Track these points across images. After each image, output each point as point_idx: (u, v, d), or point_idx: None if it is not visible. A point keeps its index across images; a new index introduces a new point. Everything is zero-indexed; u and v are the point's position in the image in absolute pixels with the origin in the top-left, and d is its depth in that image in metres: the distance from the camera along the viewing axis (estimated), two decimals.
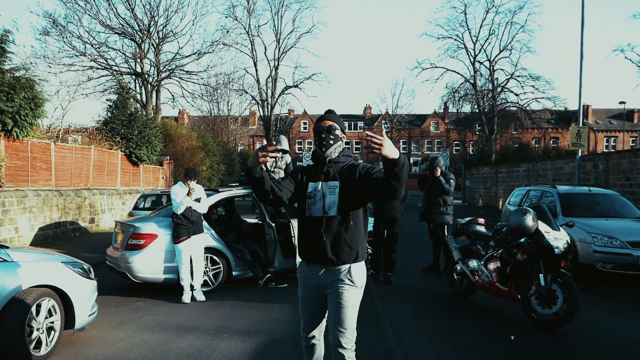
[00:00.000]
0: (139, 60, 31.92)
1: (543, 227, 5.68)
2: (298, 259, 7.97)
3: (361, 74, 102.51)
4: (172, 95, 36.41)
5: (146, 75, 32.34)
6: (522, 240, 5.86)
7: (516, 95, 39.66)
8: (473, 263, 6.59)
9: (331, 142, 3.11)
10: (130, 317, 6.23)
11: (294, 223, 7.80)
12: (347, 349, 3.03)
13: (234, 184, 8.56)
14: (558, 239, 5.63)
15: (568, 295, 5.44)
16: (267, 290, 7.50)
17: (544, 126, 45.87)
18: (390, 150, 2.61)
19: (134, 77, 32.90)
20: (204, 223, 7.37)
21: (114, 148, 18.14)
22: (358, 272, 3.08)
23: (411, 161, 65.32)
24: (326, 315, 3.20)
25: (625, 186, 14.73)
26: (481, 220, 7.09)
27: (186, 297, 6.93)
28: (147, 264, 7.12)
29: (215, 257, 7.49)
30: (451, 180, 8.73)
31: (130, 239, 7.18)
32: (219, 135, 43.63)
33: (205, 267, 7.40)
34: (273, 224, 7.71)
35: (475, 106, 41.84)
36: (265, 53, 53.98)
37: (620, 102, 39.49)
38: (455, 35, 41.92)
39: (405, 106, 71.26)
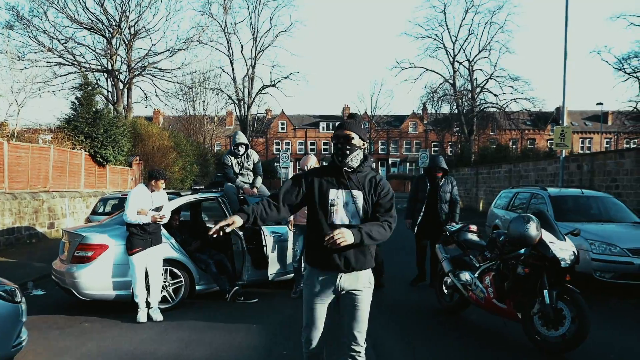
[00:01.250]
0: (109, 56, 30.65)
1: (547, 236, 4.97)
2: (272, 270, 7.26)
3: (340, 73, 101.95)
4: (145, 94, 35.14)
5: (117, 73, 31.11)
6: (523, 251, 5.16)
7: (495, 95, 39.53)
8: (465, 276, 5.86)
9: (347, 152, 3.11)
10: (72, 343, 5.34)
11: (266, 231, 7.00)
12: (361, 345, 3.22)
13: (198, 187, 7.68)
14: (563, 249, 4.94)
15: (576, 315, 4.74)
16: (235, 307, 6.67)
17: (521, 127, 45.84)
18: (349, 238, 2.89)
19: (105, 74, 31.64)
20: (163, 232, 6.52)
21: (77, 147, 17.03)
22: (370, 274, 3.23)
23: (389, 162, 64.87)
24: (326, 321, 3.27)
25: (612, 188, 14.28)
26: (473, 228, 6.38)
27: (142, 316, 6.07)
28: (96, 279, 6.22)
29: (175, 270, 6.62)
30: (455, 188, 7.73)
31: (77, 250, 6.28)
32: (194, 135, 42.41)
33: (165, 281, 6.53)
34: (241, 232, 6.88)
35: (455, 107, 41.56)
36: (241, 51, 53.10)
37: (598, 104, 39.57)
38: (435, 35, 41.68)
39: (384, 107, 70.79)
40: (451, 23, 60.91)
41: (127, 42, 32.07)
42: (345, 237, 2.87)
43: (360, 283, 3.17)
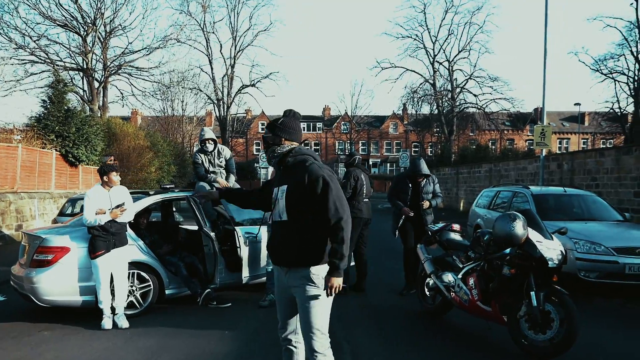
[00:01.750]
0: (83, 55, 29.89)
1: (534, 235, 4.74)
2: (246, 273, 6.92)
3: (320, 73, 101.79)
4: (121, 93, 34.43)
5: (92, 71, 30.34)
6: (508, 250, 4.92)
7: (475, 96, 39.66)
8: (448, 277, 5.59)
9: (267, 149, 3.27)
10: (28, 353, 4.94)
11: (240, 231, 6.67)
12: (319, 352, 3.01)
13: (169, 185, 7.30)
14: (551, 248, 4.71)
15: (565, 317, 4.51)
16: (207, 312, 6.31)
17: (500, 128, 46.10)
18: (338, 279, 2.98)
19: (80, 73, 30.85)
20: (130, 233, 6.15)
21: (48, 147, 16.45)
22: (320, 274, 3.03)
23: (370, 162, 64.79)
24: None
25: (592, 186, 14.23)
26: (456, 227, 6.11)
27: (107, 323, 5.68)
28: (57, 284, 5.79)
29: (143, 274, 6.23)
30: (436, 185, 7.32)
31: (36, 254, 5.85)
32: (172, 135, 41.70)
33: (131, 286, 6.15)
34: (212, 233, 6.51)
35: (435, 107, 41.64)
36: (220, 51, 52.30)
37: (576, 104, 39.99)
38: (415, 35, 41.69)
39: (364, 107, 71.03)
40: (431, 23, 61.23)
41: (102, 40, 31.36)
42: (334, 283, 2.97)
43: (307, 280, 3.04)
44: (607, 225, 8.05)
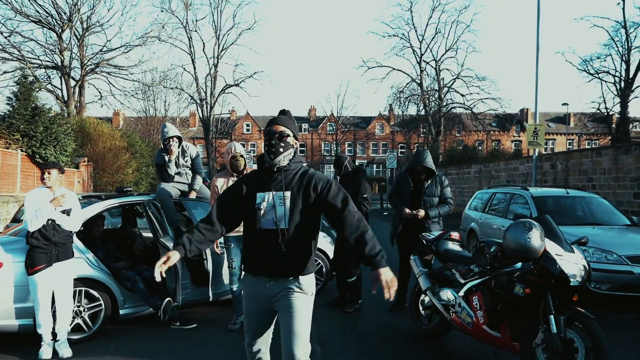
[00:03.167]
0: (57, 52, 28.73)
1: (552, 247, 3.95)
2: (213, 289, 6.07)
3: (306, 73, 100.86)
4: (100, 93, 33.19)
5: (67, 69, 29.18)
6: (519, 265, 4.13)
7: (462, 95, 39.13)
8: (447, 294, 4.80)
9: (281, 149, 2.90)
10: None
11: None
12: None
13: (128, 189, 6.41)
14: (572, 263, 3.93)
15: (591, 347, 3.74)
16: (168, 334, 5.44)
17: (487, 128, 45.74)
18: (389, 275, 2.81)
19: (57, 71, 29.67)
20: (77, 244, 5.27)
21: (13, 147, 15.41)
22: (306, 280, 2.94)
23: (356, 164, 64.10)
24: (272, 328, 3.10)
25: (588, 187, 13.60)
26: (455, 235, 5.31)
27: (45, 351, 4.80)
28: None
29: (92, 291, 5.35)
30: (446, 189, 6.23)
31: None
32: (154, 136, 40.51)
33: (78, 306, 5.27)
34: (172, 244, 5.64)
35: (422, 107, 41.06)
36: (203, 50, 51.18)
37: (564, 104, 39.69)
38: (402, 33, 41.08)
39: (350, 107, 70.20)
40: (418, 22, 61.14)
41: (79, 37, 30.24)
42: (388, 277, 2.79)
43: (293, 289, 2.89)
44: (617, 231, 7.34)
